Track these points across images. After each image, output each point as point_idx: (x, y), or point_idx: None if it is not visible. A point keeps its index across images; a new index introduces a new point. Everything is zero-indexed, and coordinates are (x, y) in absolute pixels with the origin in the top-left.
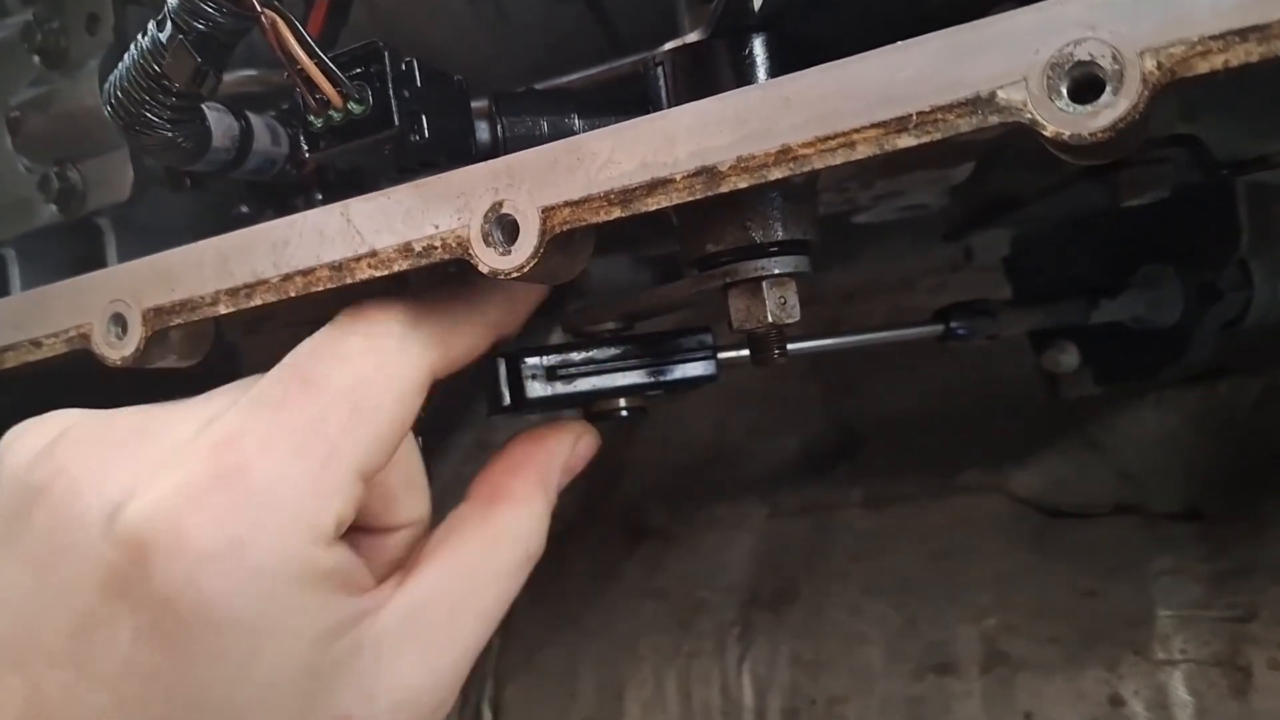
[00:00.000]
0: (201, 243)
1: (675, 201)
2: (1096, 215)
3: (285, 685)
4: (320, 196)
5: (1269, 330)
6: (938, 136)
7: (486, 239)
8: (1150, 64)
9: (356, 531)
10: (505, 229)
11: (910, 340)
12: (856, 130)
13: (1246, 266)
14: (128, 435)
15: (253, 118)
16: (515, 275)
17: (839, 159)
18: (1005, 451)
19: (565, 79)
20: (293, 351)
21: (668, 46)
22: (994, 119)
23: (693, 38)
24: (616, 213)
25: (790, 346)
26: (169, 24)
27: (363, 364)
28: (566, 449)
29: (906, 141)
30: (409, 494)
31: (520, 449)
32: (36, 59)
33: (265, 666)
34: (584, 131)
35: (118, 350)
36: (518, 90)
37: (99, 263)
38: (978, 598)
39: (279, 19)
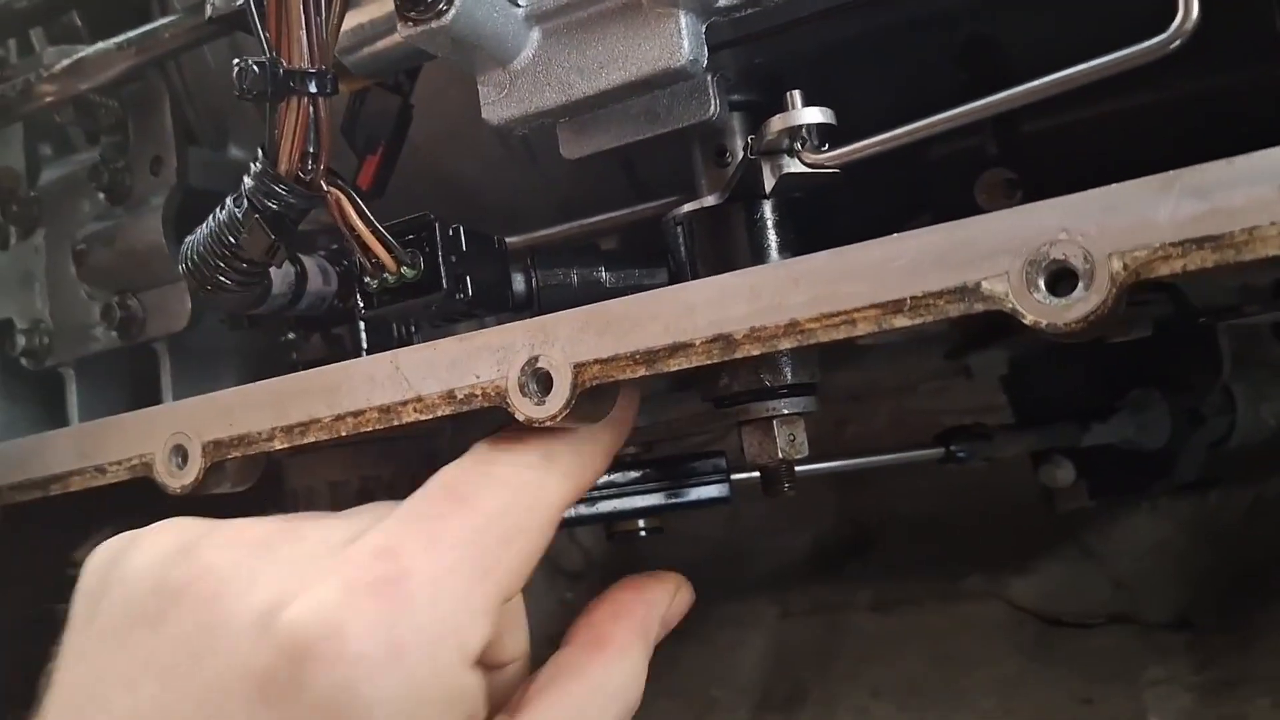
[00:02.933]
0: (259, 384)
1: (694, 364)
2: (1088, 343)
3: None
4: (364, 327)
5: (1254, 449)
6: (929, 319)
7: (523, 390)
8: (1117, 264)
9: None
10: (540, 381)
11: (912, 462)
12: (857, 310)
13: (1230, 391)
14: (271, 541)
15: (306, 261)
16: (548, 423)
17: (841, 334)
18: (1006, 558)
19: (590, 220)
20: (439, 474)
21: (687, 208)
22: (979, 306)
23: (710, 201)
24: (642, 371)
25: (800, 469)
26: (245, 201)
27: (512, 490)
28: (667, 598)
29: (902, 322)
30: (516, 629)
31: (623, 596)
32: (102, 196)
33: None
34: (610, 283)
35: (178, 479)
36: (551, 243)
37: (154, 386)
38: (981, 702)
39: (342, 195)
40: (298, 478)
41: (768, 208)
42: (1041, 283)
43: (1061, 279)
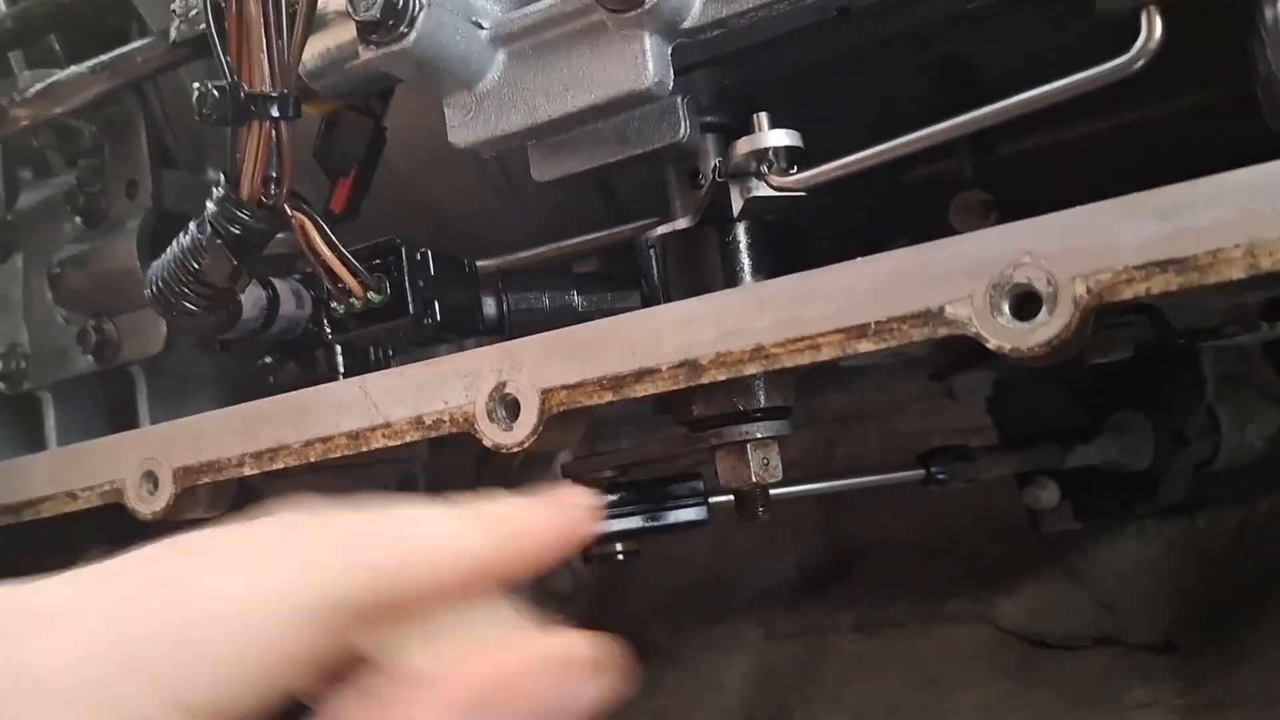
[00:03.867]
0: (229, 409)
1: (661, 390)
2: (1070, 364)
3: None
4: (340, 349)
5: (1239, 471)
6: (894, 344)
7: (491, 415)
8: (1081, 288)
9: None
10: (508, 407)
11: (893, 484)
12: (821, 335)
13: (1214, 413)
14: None
15: (279, 284)
16: (516, 449)
17: (805, 359)
18: (990, 580)
19: (566, 243)
20: None
21: (659, 231)
22: (943, 331)
23: (682, 224)
24: (609, 397)
25: (778, 491)
26: (208, 227)
27: None
28: None
29: (866, 346)
30: None
31: None
32: (78, 219)
33: None
34: (582, 306)
35: (149, 505)
36: (522, 265)
37: (130, 409)
38: None
39: (306, 220)
40: (274, 502)
41: (740, 230)
42: (1005, 306)
43: (1026, 303)
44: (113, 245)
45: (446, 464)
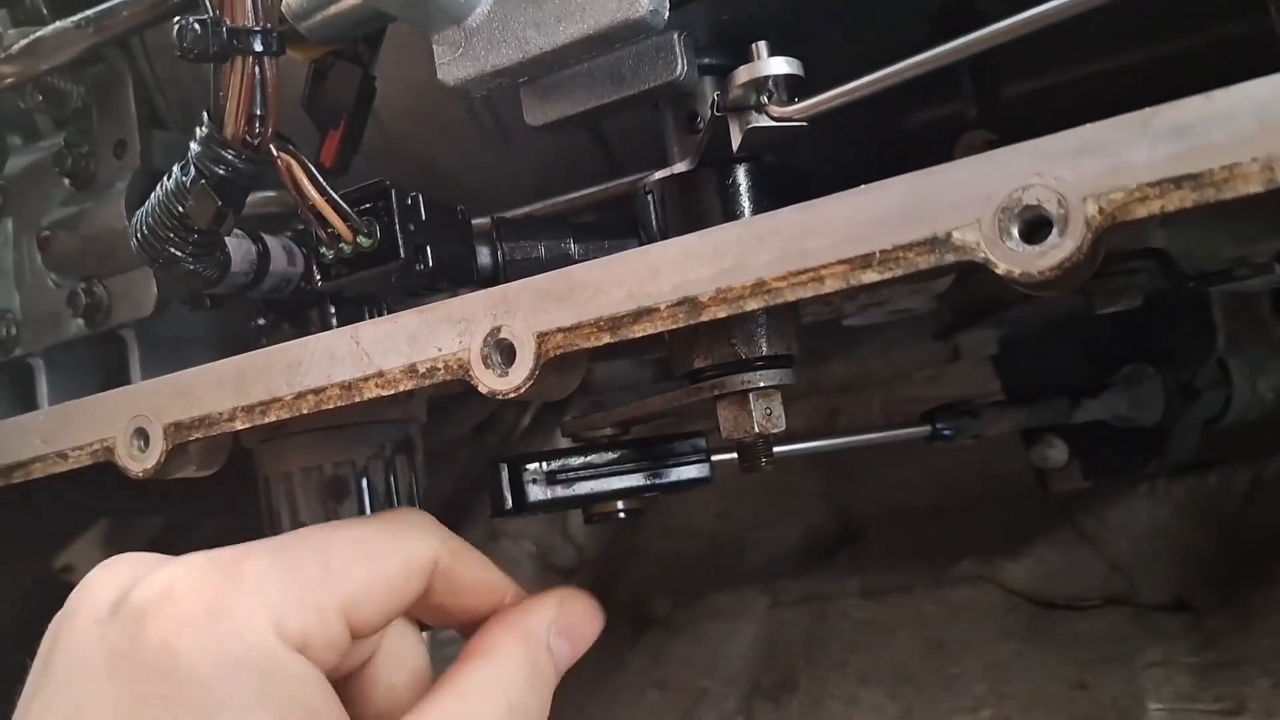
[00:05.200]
0: (219, 363)
1: (660, 329)
2: (1078, 316)
3: None
4: (334, 310)
5: (1251, 426)
6: (899, 273)
7: (486, 361)
8: (1093, 209)
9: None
10: (503, 352)
11: (898, 441)
12: (824, 266)
13: (1225, 365)
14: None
15: (270, 240)
16: (513, 395)
17: (809, 292)
18: (999, 543)
19: (564, 198)
20: None
21: (657, 176)
22: (950, 257)
23: (680, 168)
24: (606, 338)
25: (781, 449)
26: (191, 169)
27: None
28: (550, 609)
29: (871, 277)
30: (403, 653)
31: (506, 612)
32: (67, 181)
33: None
34: (579, 255)
35: (140, 462)
36: (517, 217)
37: (123, 373)
38: (972, 688)
39: (293, 161)
40: (269, 465)
41: (740, 172)
42: (1014, 230)
43: (1035, 226)
44: (102, 206)
45: (448, 431)
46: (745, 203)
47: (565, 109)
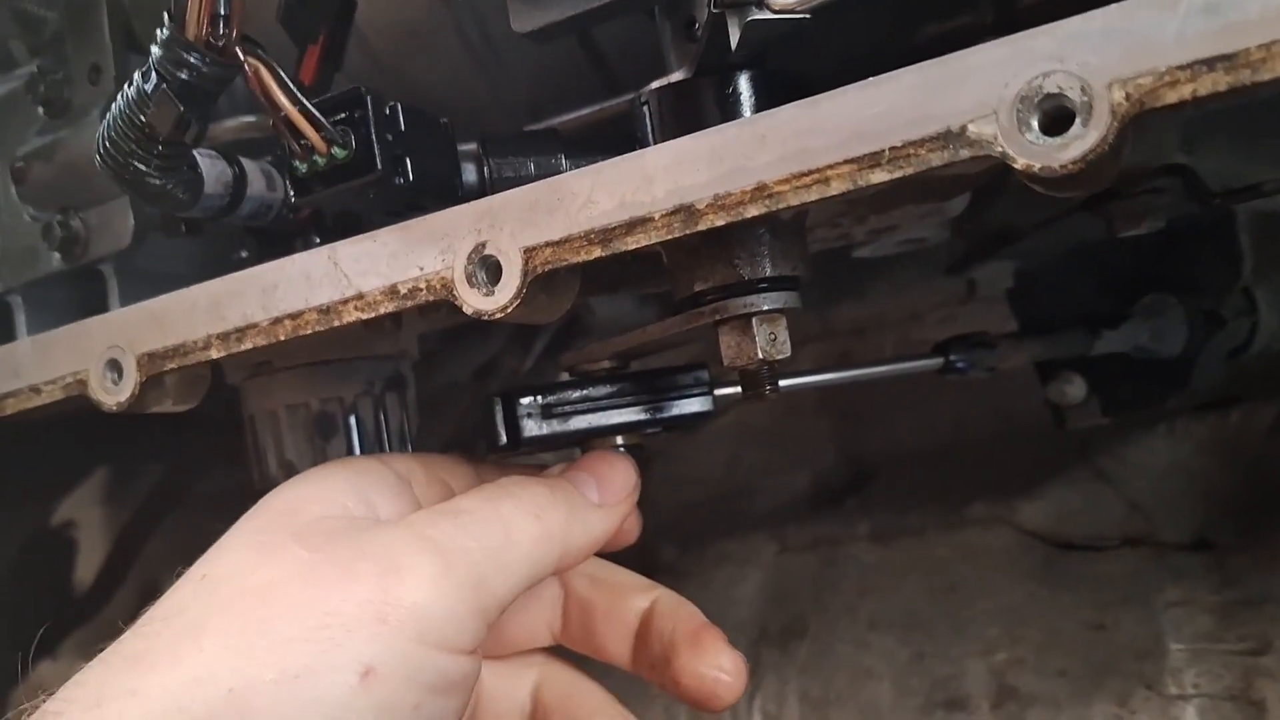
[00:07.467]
0: (193, 288)
1: (655, 240)
2: (1097, 246)
3: None
4: (318, 240)
5: (1276, 360)
6: (910, 171)
7: (470, 280)
8: (1119, 95)
9: None
10: (489, 270)
11: (911, 374)
12: (830, 166)
13: (1251, 293)
14: None
15: (247, 163)
16: (499, 316)
17: (814, 195)
18: (1013, 483)
19: (557, 119)
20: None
21: (653, 86)
22: (965, 153)
23: (677, 76)
24: (597, 252)
25: (787, 381)
26: (153, 74)
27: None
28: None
29: (880, 176)
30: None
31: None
32: (41, 110)
33: None
34: (570, 170)
35: (113, 395)
36: (506, 133)
37: (102, 308)
38: (985, 631)
39: (262, 66)
40: (255, 402)
41: (741, 81)
42: (1034, 121)
43: (1057, 116)
44: (77, 134)
45: (446, 375)
46: (747, 111)
47: (554, 14)
